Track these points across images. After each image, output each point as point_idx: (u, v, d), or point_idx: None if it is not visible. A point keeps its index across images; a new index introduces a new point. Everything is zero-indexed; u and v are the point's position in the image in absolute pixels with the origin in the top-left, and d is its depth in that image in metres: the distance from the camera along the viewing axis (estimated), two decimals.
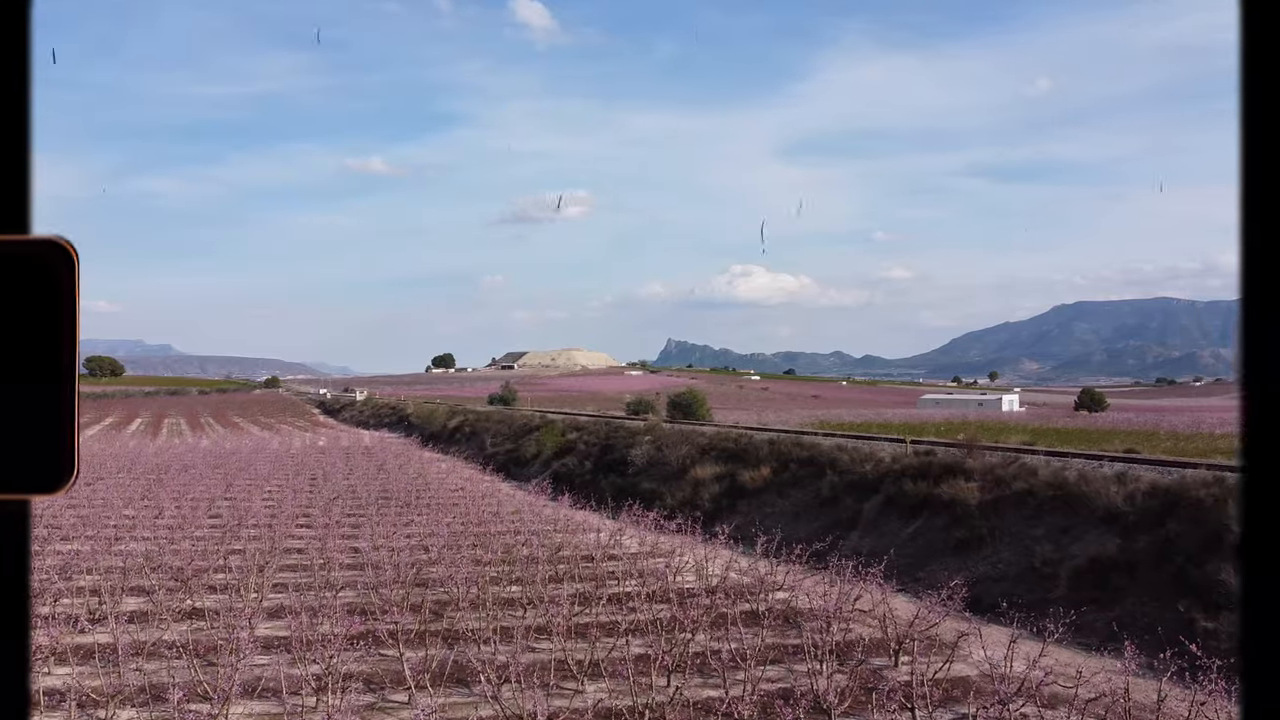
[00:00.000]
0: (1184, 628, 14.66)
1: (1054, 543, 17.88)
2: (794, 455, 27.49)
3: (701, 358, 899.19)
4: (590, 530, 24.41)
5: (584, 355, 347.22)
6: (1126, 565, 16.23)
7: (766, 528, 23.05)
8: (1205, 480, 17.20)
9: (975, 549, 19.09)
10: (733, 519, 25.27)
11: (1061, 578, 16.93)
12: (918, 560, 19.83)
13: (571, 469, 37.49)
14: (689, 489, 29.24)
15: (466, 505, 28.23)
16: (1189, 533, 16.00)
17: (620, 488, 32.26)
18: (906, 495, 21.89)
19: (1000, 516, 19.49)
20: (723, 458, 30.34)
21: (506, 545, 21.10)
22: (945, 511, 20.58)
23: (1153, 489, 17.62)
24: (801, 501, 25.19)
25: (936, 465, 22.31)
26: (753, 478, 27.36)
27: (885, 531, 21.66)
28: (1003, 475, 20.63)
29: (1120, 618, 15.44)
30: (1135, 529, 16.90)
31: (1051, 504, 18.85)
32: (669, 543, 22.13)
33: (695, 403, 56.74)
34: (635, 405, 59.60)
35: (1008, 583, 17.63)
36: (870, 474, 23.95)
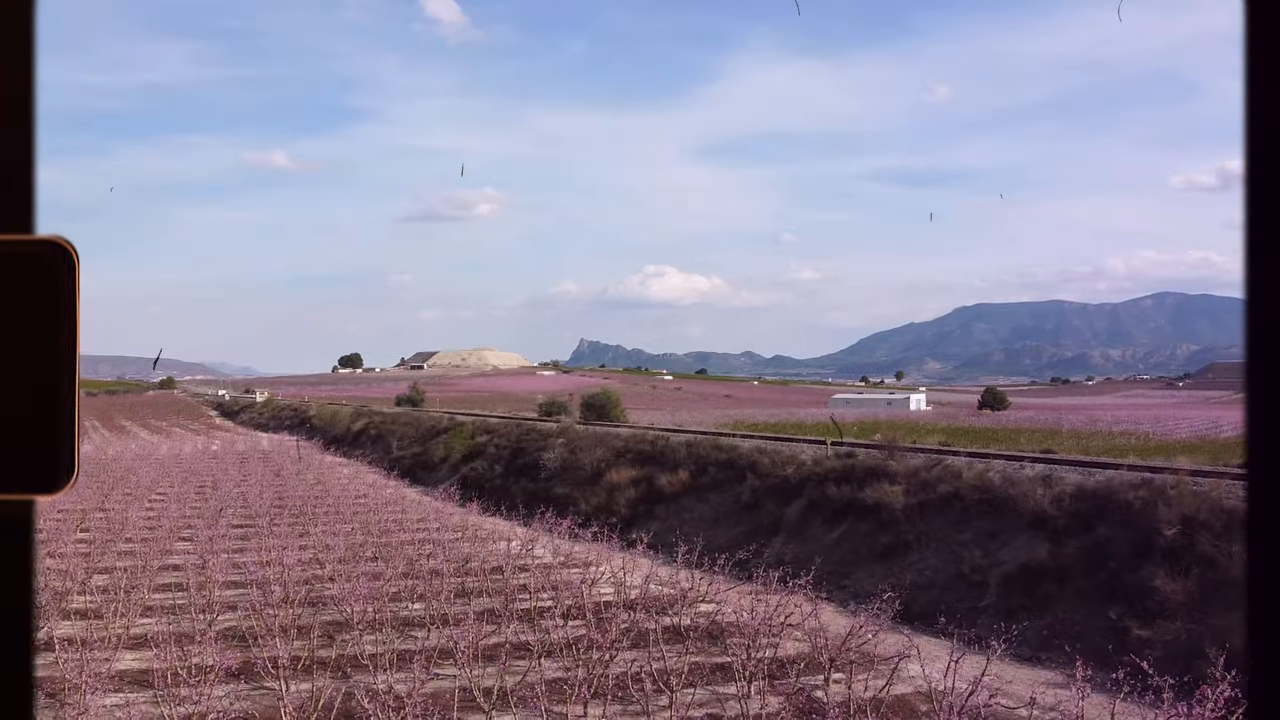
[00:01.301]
0: (1117, 636, 14.20)
1: (982, 548, 17.36)
2: (713, 458, 26.66)
3: (614, 358, 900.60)
4: (500, 539, 23.14)
5: (495, 355, 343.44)
6: (1057, 572, 15.77)
7: (686, 534, 22.12)
8: (1132, 482, 16.89)
9: (902, 555, 18.48)
10: (651, 525, 24.28)
11: (991, 585, 16.40)
12: (844, 567, 19.14)
13: (481, 473, 36.04)
14: (604, 494, 28.16)
15: (368, 514, 26.59)
16: (1119, 537, 15.62)
17: (532, 493, 31.00)
18: (830, 499, 21.21)
19: (926, 521, 18.94)
20: (639, 461, 29.35)
21: (410, 558, 19.67)
22: (870, 516, 19.95)
23: (1079, 492, 17.25)
24: (722, 506, 24.35)
25: (860, 468, 21.71)
26: (671, 482, 26.42)
27: (809, 537, 20.95)
28: (927, 478, 20.10)
29: (1052, 626, 14.94)
30: (1064, 533, 16.46)
31: (978, 508, 18.36)
32: (584, 552, 21.02)
33: (609, 403, 55.67)
34: (548, 406, 58.23)
35: (937, 590, 17.03)
36: (792, 477, 23.24)
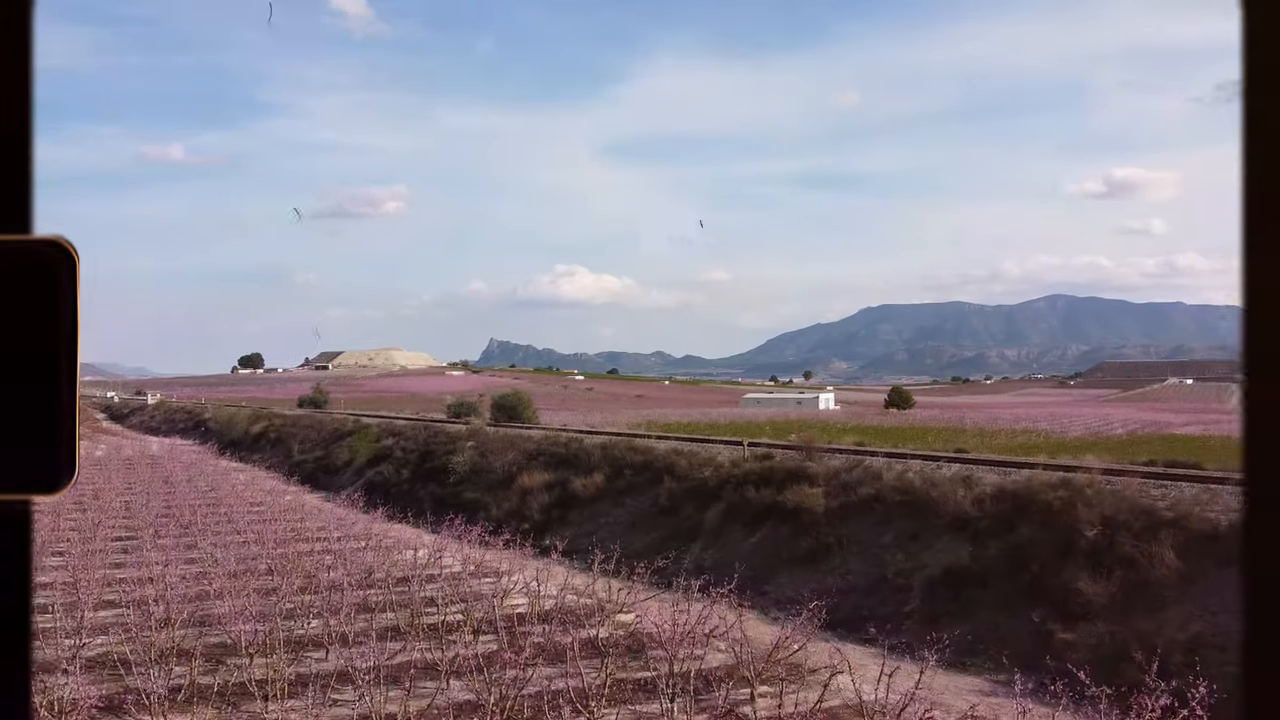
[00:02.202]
0: (1041, 640, 14.02)
1: (905, 551, 17.08)
2: (628, 460, 25.98)
3: (525, 357, 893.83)
4: (407, 547, 22.01)
5: (403, 355, 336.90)
6: (980, 574, 15.55)
7: (602, 540, 21.41)
8: (1051, 483, 16.83)
9: (824, 559, 18.09)
10: (565, 531, 23.47)
11: (915, 589, 16.11)
12: (764, 572, 18.66)
13: (387, 478, 34.63)
14: (516, 499, 27.21)
15: (264, 523, 25.08)
16: (1041, 539, 15.48)
17: (441, 498, 29.84)
18: (749, 503, 20.74)
19: (848, 524, 18.60)
20: (552, 464, 28.48)
21: (308, 571, 18.45)
22: (791, 520, 19.53)
23: (1000, 492, 17.12)
24: (638, 511, 23.68)
25: (779, 471, 21.30)
26: (585, 485, 25.64)
27: (729, 542, 20.44)
28: (848, 480, 19.80)
29: (977, 630, 14.69)
30: (986, 535, 16.28)
31: (899, 510, 18.10)
32: (496, 560, 20.10)
33: (520, 404, 54.54)
34: (457, 407, 56.77)
35: (859, 595, 16.68)
36: (710, 480, 22.71)
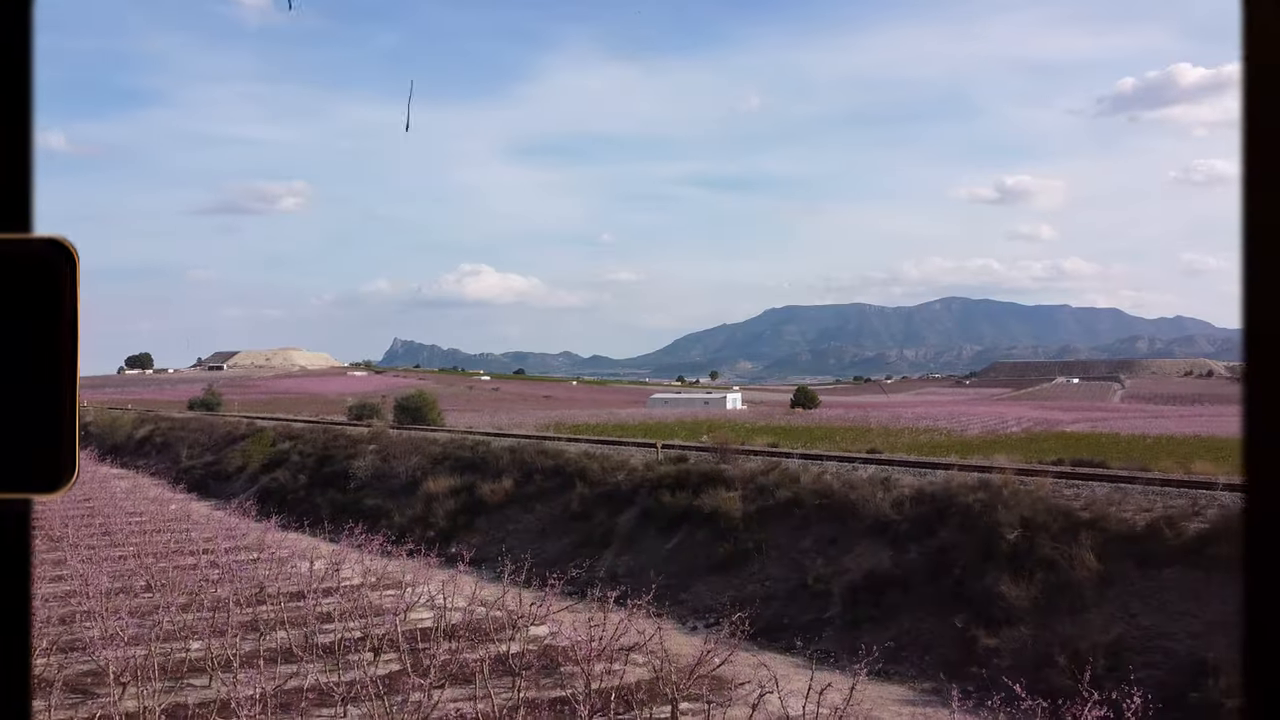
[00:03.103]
0: (965, 646, 13.77)
1: (824, 556, 16.71)
2: (538, 464, 25.12)
3: (430, 357, 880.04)
4: (303, 559, 20.73)
5: (303, 355, 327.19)
6: (901, 579, 15.26)
7: (512, 548, 20.59)
8: (969, 485, 16.68)
9: (742, 565, 17.59)
10: (473, 538, 22.49)
11: (836, 595, 15.73)
12: (681, 579, 18.08)
13: (283, 484, 32.93)
14: (421, 505, 26.05)
15: (146, 535, 23.37)
16: (962, 542, 15.27)
17: (341, 505, 28.46)
18: (665, 507, 20.14)
19: (766, 528, 18.15)
20: (459, 468, 27.40)
21: (192, 586, 17.09)
22: (708, 524, 19.00)
23: (919, 495, 16.90)
24: (549, 516, 22.85)
25: (694, 474, 20.77)
26: (494, 491, 24.67)
27: (644, 548, 19.79)
28: (765, 483, 19.37)
29: (899, 637, 14.37)
30: (907, 539, 16.02)
31: (818, 513, 17.74)
32: (399, 571, 19.04)
33: (425, 405, 52.89)
34: (358, 409, 54.81)
35: (779, 602, 16.22)
36: (623, 484, 22.04)
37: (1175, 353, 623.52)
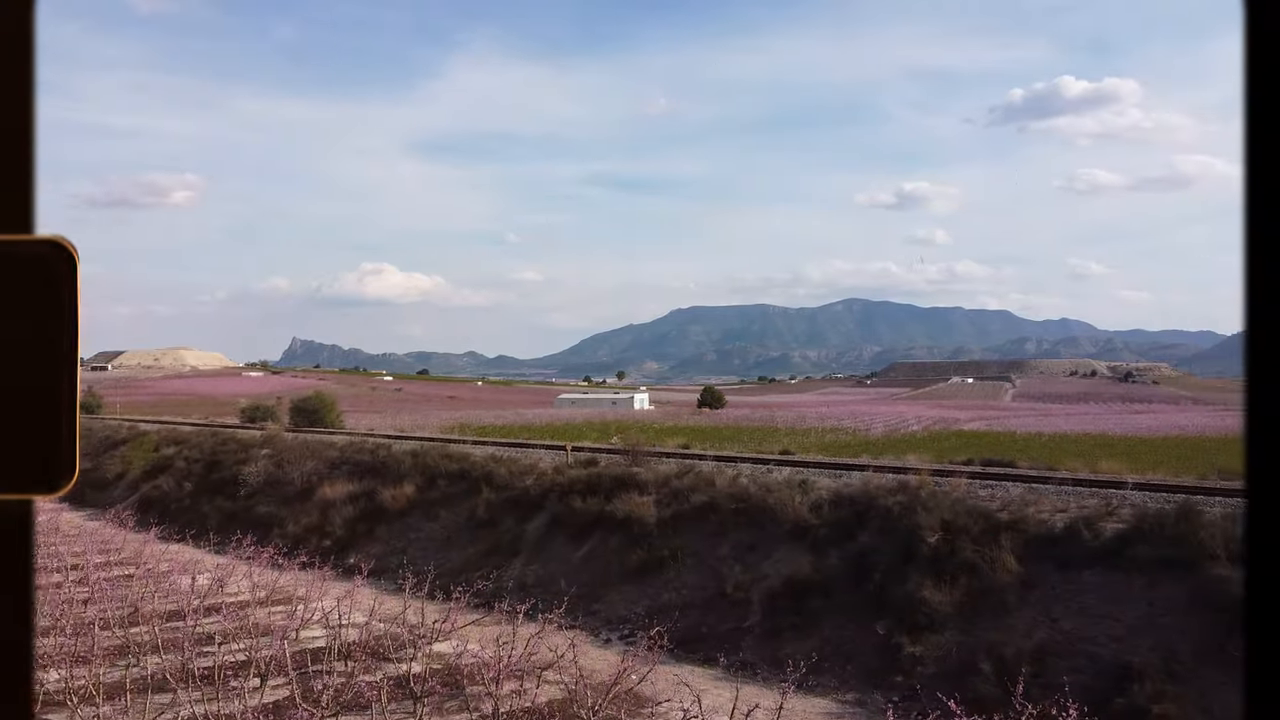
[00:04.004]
0: (888, 654, 13.38)
1: (742, 562, 16.17)
2: (442, 468, 24.01)
3: (330, 358, 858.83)
4: (185, 573, 19.22)
5: (194, 355, 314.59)
6: (822, 586, 14.81)
7: (414, 558, 19.54)
8: (888, 487, 16.37)
9: (657, 573, 16.92)
10: (372, 548, 21.32)
11: (755, 603, 15.18)
12: (594, 589, 17.31)
13: (167, 492, 30.93)
14: (317, 512, 24.64)
15: None
16: (882, 546, 14.90)
17: (230, 513, 26.80)
18: (576, 513, 19.33)
19: (682, 534, 17.53)
20: (358, 473, 26.06)
21: (55, 610, 15.53)
22: (621, 531, 18.28)
23: (837, 498, 16.51)
24: (454, 524, 21.79)
25: (606, 478, 20.02)
26: (395, 497, 23.46)
27: (554, 556, 18.95)
28: (679, 487, 18.75)
29: (821, 646, 13.90)
30: (826, 544, 15.59)
31: (735, 518, 17.20)
32: (292, 584, 17.79)
33: (324, 407, 50.79)
34: (252, 411, 52.33)
35: (697, 611, 15.60)
36: (532, 489, 21.15)
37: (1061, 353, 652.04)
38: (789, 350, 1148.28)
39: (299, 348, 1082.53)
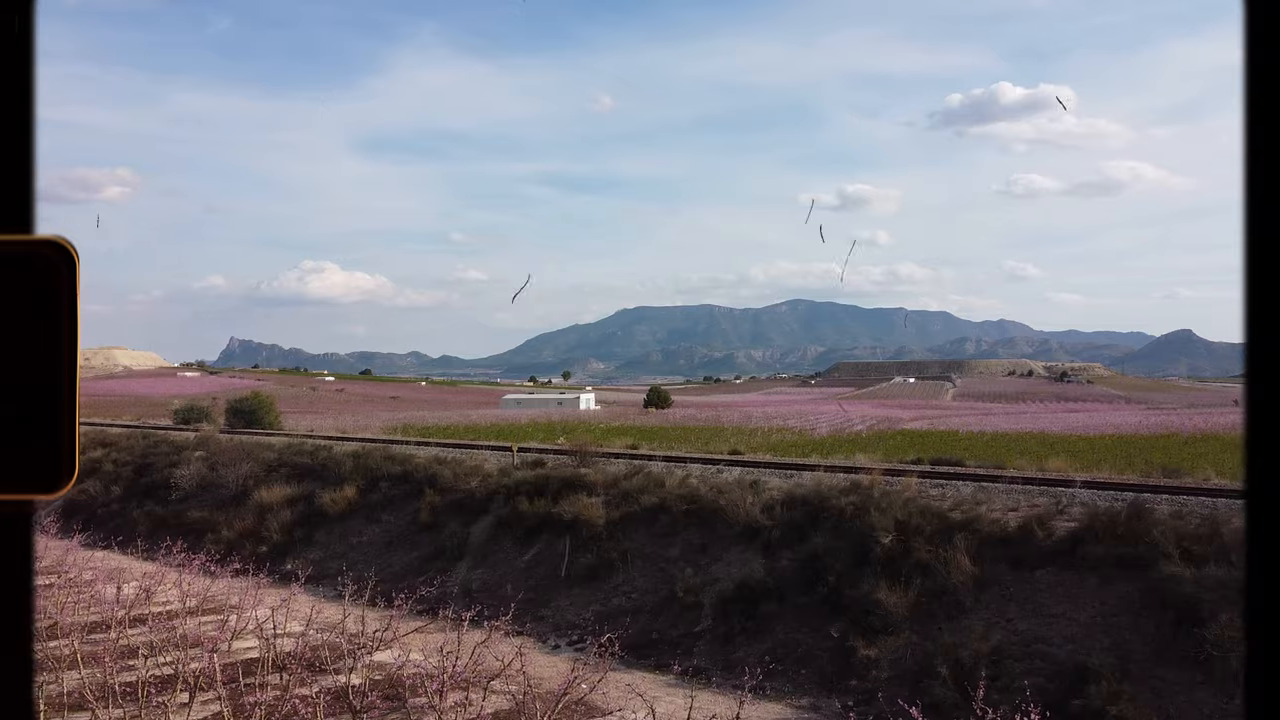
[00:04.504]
0: (843, 657, 13.14)
1: (693, 565, 15.83)
2: (385, 470, 23.32)
3: (270, 358, 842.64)
4: (110, 582, 18.33)
5: (127, 355, 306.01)
6: (775, 589, 14.54)
7: (355, 563, 18.89)
8: (840, 487, 16.17)
9: (607, 577, 16.52)
10: (311, 553, 20.61)
11: (706, 606, 14.87)
12: (542, 593, 16.85)
13: (93, 496, 29.68)
14: (253, 516, 23.78)
15: None
16: (836, 548, 14.68)
17: (160, 518, 25.79)
18: (522, 516, 18.84)
19: (631, 537, 17.15)
20: (297, 475, 25.23)
21: None
22: (569, 533, 17.84)
23: (790, 499, 16.27)
24: (396, 527, 21.15)
25: (554, 479, 19.56)
26: (335, 500, 22.72)
27: (500, 560, 18.44)
28: (628, 488, 18.38)
29: (775, 650, 13.63)
30: (779, 545, 15.33)
31: (686, 519, 16.87)
32: (225, 592, 17.05)
33: (261, 407, 49.43)
34: (185, 412, 50.74)
35: (648, 616, 15.24)
36: (478, 491, 20.60)
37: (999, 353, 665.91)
38: (734, 350, 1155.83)
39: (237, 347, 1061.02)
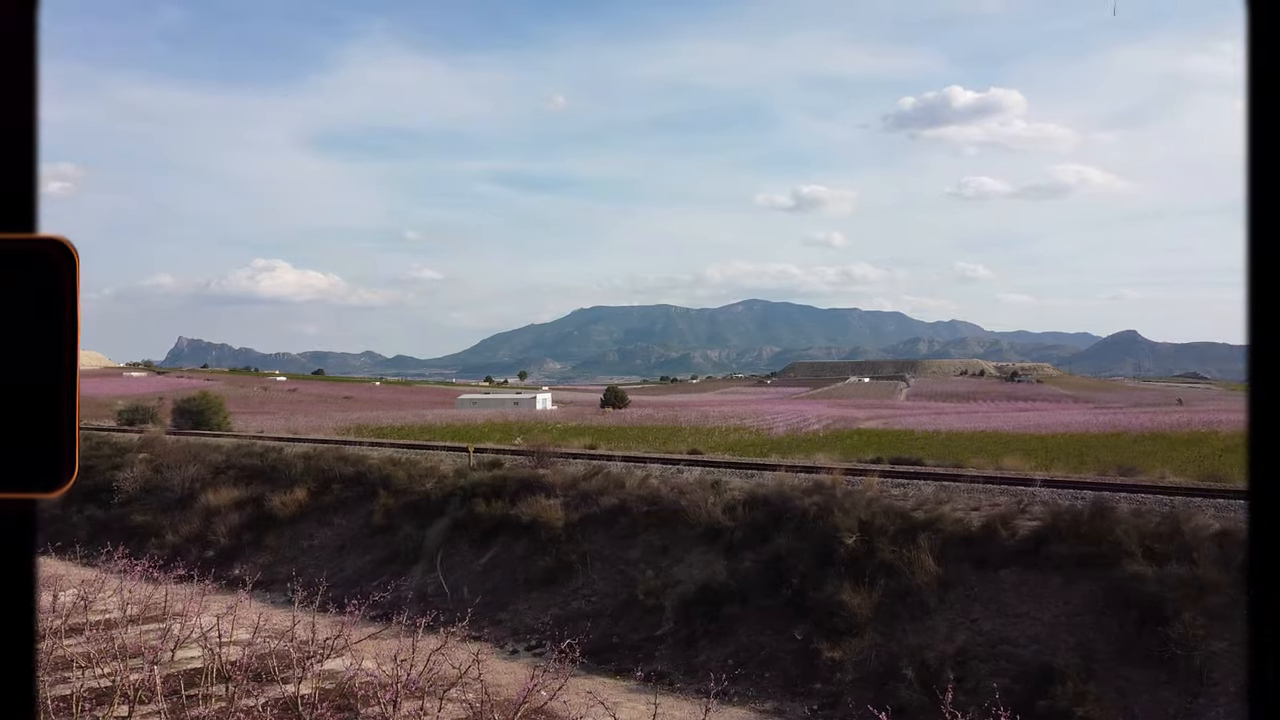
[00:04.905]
0: (807, 660, 12.95)
1: (654, 567, 15.57)
2: (337, 472, 22.75)
3: (219, 357, 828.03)
4: (46, 590, 17.59)
5: None
6: (738, 591, 14.32)
7: (306, 567, 18.38)
8: (803, 487, 16.00)
9: (566, 579, 16.19)
10: (260, 558, 20.00)
11: (668, 609, 14.60)
12: (499, 597, 16.46)
13: None
14: (199, 520, 23.07)
15: None
16: (799, 549, 14.50)
17: (101, 523, 24.93)
18: (479, 518, 18.44)
19: (591, 538, 16.84)
20: (245, 477, 24.53)
21: None
22: (526, 535, 17.47)
23: (752, 499, 16.06)
24: (349, 530, 20.61)
25: (511, 480, 19.18)
26: (285, 503, 22.10)
27: (456, 563, 18.01)
28: (588, 489, 18.06)
29: (738, 653, 13.40)
30: (742, 547, 15.12)
31: (647, 520, 16.60)
32: (169, 599, 16.45)
33: (210, 408, 48.23)
34: (130, 413, 49.36)
35: (608, 619, 14.93)
36: (433, 493, 20.14)
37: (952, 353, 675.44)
38: (690, 350, 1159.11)
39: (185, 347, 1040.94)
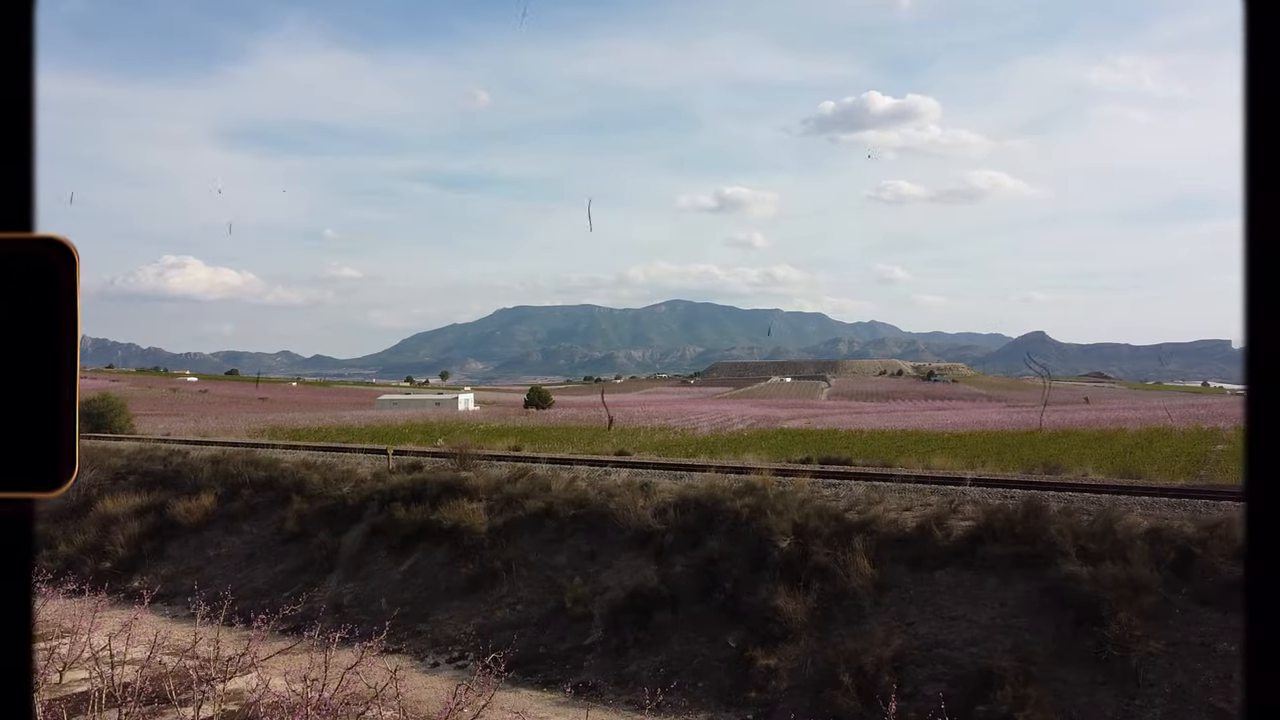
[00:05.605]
0: (741, 668, 12.55)
1: (582, 573, 15.01)
2: (247, 476, 21.62)
3: (126, 357, 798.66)
4: None
5: None
6: (669, 597, 13.85)
7: (212, 578, 17.36)
8: (735, 489, 15.63)
9: (490, 587, 15.52)
10: (162, 568, 18.84)
11: (597, 617, 14.06)
12: (420, 607, 15.70)
13: None
14: (95, 530, 21.68)
15: None
16: (732, 552, 14.10)
17: None
18: (399, 523, 17.63)
19: (516, 544, 16.19)
20: (147, 483, 23.18)
21: None
22: (448, 541, 16.75)
23: (682, 501, 15.63)
24: (259, 538, 19.55)
25: (432, 484, 18.41)
26: (190, 510, 20.90)
27: (374, 572, 17.17)
28: (512, 492, 17.41)
29: (669, 662, 12.93)
30: (673, 551, 14.66)
31: (574, 524, 16.03)
32: (58, 616, 15.29)
33: (111, 410, 46.04)
34: None
35: (534, 629, 14.31)
36: (350, 497, 19.24)
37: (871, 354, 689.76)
38: (614, 350, 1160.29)
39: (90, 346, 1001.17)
